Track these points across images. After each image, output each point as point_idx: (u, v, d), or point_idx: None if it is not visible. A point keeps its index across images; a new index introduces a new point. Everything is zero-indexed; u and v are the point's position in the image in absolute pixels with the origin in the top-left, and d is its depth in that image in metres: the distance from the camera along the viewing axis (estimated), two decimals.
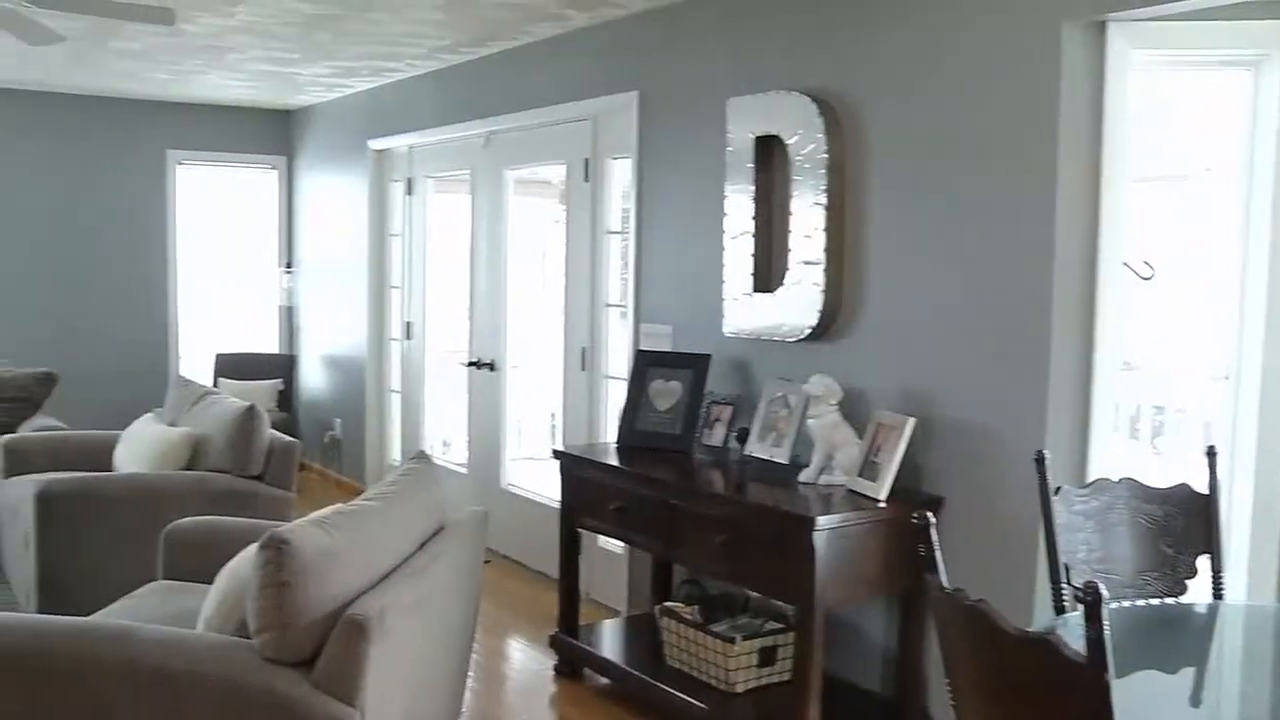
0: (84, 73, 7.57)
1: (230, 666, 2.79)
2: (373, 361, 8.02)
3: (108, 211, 8.76)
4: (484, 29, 5.87)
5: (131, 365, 8.78)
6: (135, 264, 8.87)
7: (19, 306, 8.44)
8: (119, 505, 5.02)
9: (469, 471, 6.92)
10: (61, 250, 8.61)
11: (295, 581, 2.70)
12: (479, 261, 6.79)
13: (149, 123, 8.84)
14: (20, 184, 8.46)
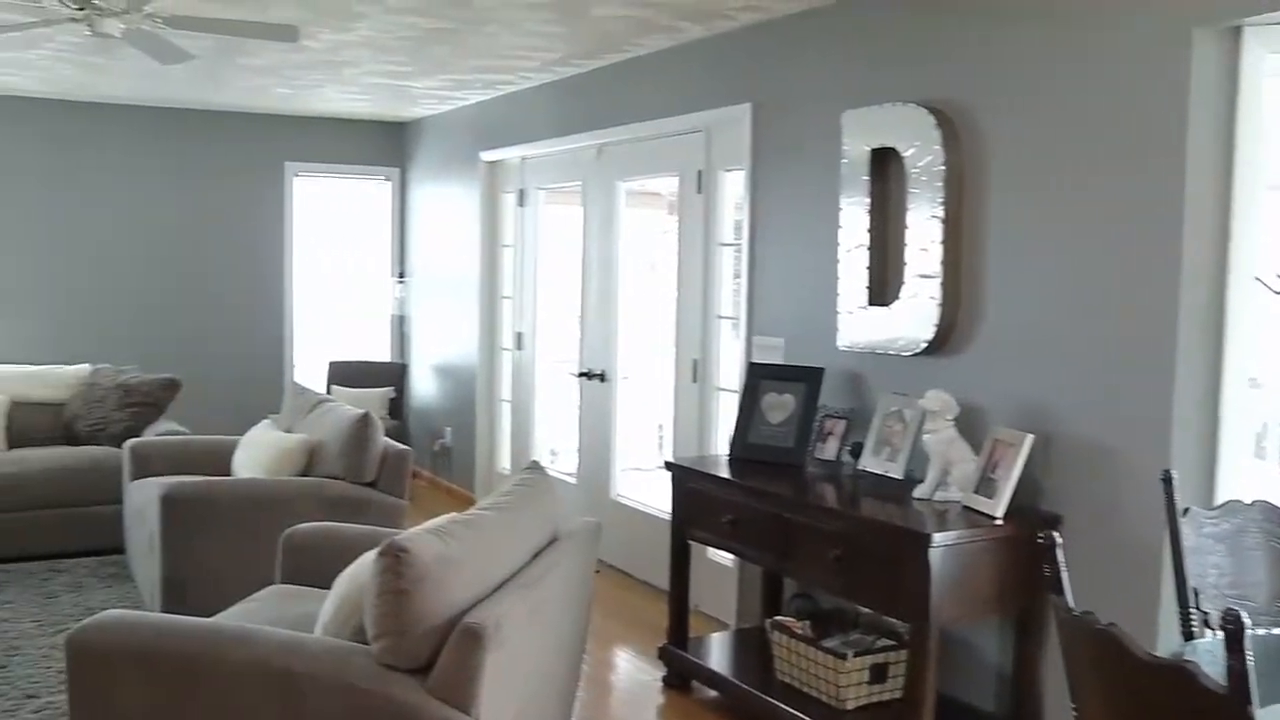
0: (209, 89, 7.77)
1: (348, 671, 2.83)
2: (483, 371, 8.10)
3: (228, 223, 8.98)
4: (597, 42, 5.90)
5: (248, 372, 8.98)
6: (253, 274, 9.08)
7: (145, 315, 8.70)
8: (238, 509, 5.13)
9: (578, 481, 6.95)
10: (184, 261, 8.85)
11: (413, 589, 2.73)
12: (590, 272, 6.82)
13: (268, 136, 9.05)
14: (146, 197, 8.71)
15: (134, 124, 8.64)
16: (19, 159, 8.36)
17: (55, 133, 8.43)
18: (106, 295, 8.62)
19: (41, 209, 8.45)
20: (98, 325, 8.56)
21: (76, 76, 7.39)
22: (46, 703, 4.42)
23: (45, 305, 8.47)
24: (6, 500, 6.39)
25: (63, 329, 8.46)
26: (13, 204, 8.37)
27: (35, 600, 5.70)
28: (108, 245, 8.63)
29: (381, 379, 8.88)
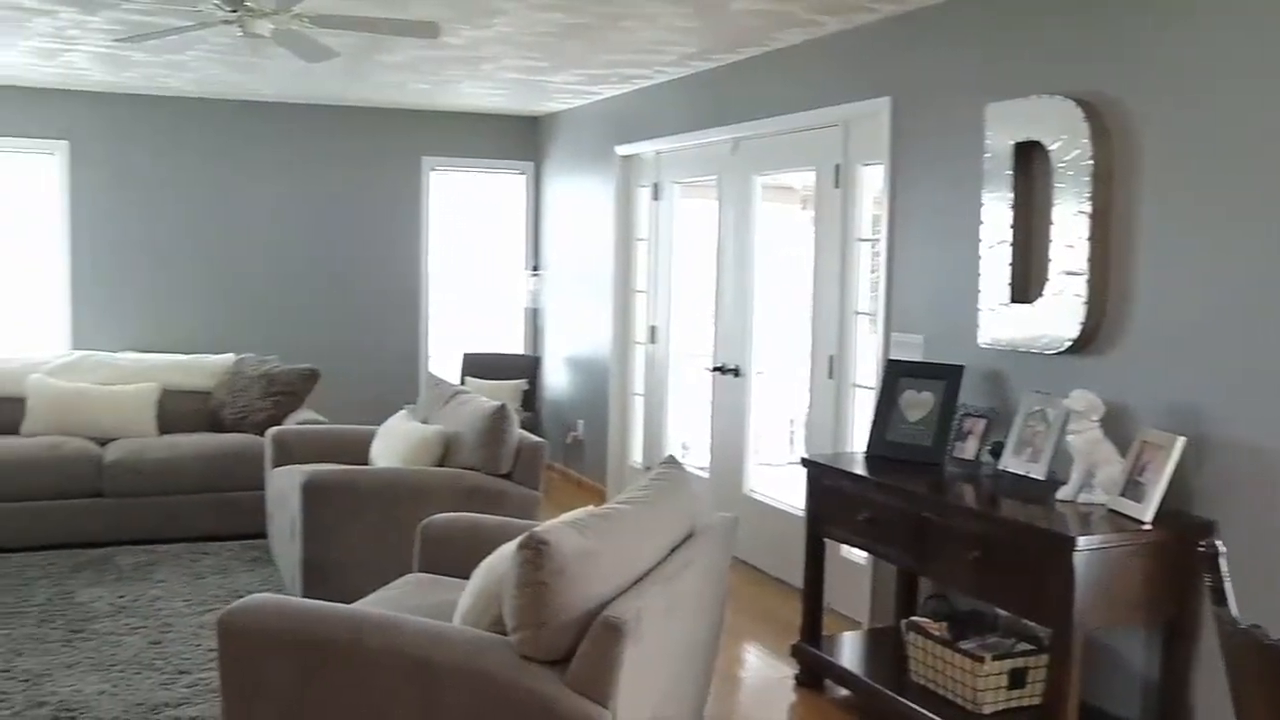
0: (351, 85, 7.94)
1: (486, 661, 2.86)
2: (617, 364, 8.14)
3: (367, 217, 9.17)
4: (733, 36, 5.88)
5: (385, 363, 9.17)
6: (390, 266, 9.26)
7: (287, 306, 8.94)
8: (376, 497, 5.23)
9: (710, 476, 6.94)
10: (324, 254, 9.06)
11: (553, 582, 2.75)
12: (725, 267, 6.81)
13: (406, 131, 9.22)
14: (288, 192, 8.95)
15: (277, 121, 8.88)
16: (170, 157, 8.66)
17: (204, 131, 8.71)
18: (251, 287, 8.88)
19: (190, 206, 8.73)
20: (242, 316, 8.82)
21: (225, 76, 7.61)
22: (198, 679, 4.57)
23: (194, 297, 8.76)
24: (158, 484, 6.63)
25: (209, 319, 8.74)
26: (164, 201, 8.67)
27: (185, 580, 5.90)
28: (252, 239, 8.89)
29: (515, 371, 8.98)
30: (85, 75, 7.67)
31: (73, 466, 6.56)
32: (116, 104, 8.49)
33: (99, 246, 8.54)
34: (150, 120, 8.59)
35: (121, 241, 8.59)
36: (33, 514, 6.45)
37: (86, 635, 5.07)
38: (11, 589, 5.72)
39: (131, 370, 7.40)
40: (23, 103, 8.28)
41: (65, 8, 5.49)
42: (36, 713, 4.23)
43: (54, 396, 7.02)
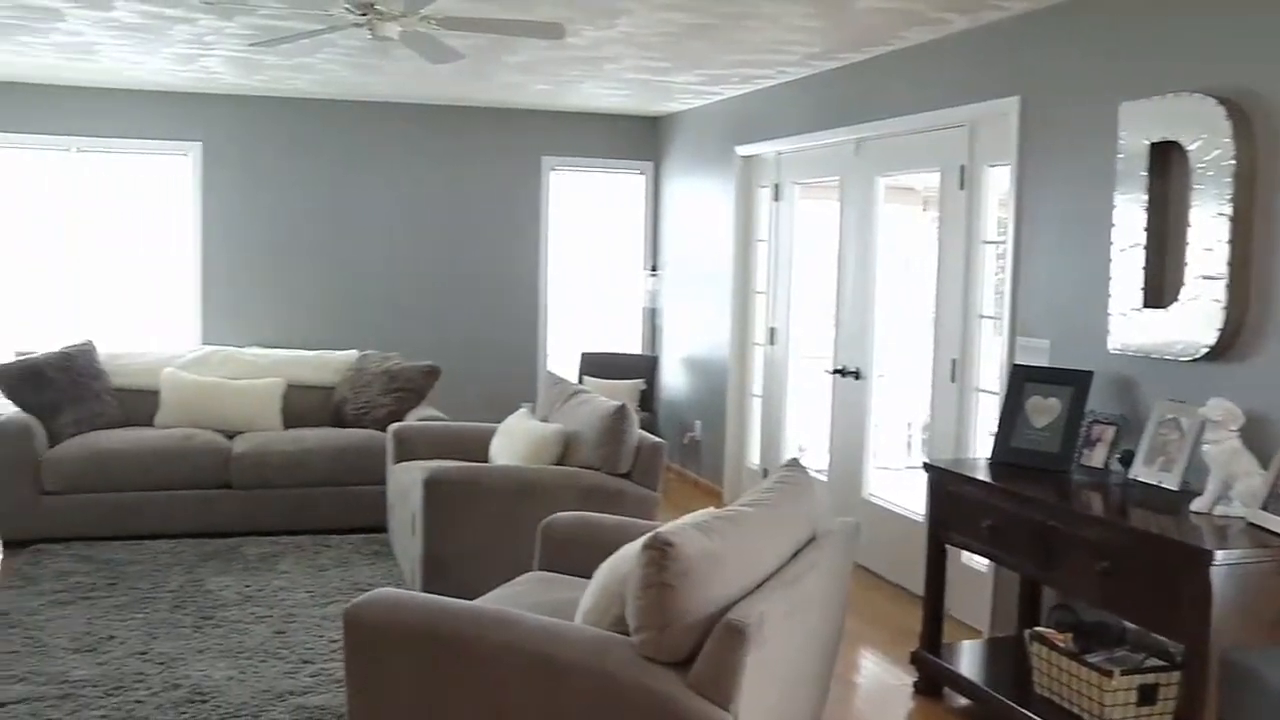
0: (472, 85, 8.04)
1: (608, 661, 2.87)
2: (735, 365, 8.11)
3: (487, 216, 9.29)
4: (858, 35, 5.82)
5: (503, 361, 9.28)
6: (510, 265, 9.36)
7: (407, 304, 9.09)
8: (496, 495, 5.28)
9: (829, 479, 6.88)
10: (445, 253, 9.20)
11: (677, 583, 2.75)
12: (846, 268, 6.74)
13: (526, 131, 9.31)
14: (410, 191, 9.10)
15: (400, 121, 9.04)
16: (296, 157, 8.87)
17: (328, 131, 8.90)
18: (373, 285, 9.05)
19: (315, 204, 8.93)
20: (365, 313, 8.99)
21: (351, 77, 7.76)
22: (320, 669, 4.66)
23: (318, 293, 8.95)
24: (283, 477, 6.78)
25: (333, 316, 8.93)
26: (289, 200, 8.88)
27: (308, 572, 6.03)
28: (374, 238, 9.06)
29: (632, 371, 9.01)
30: (219, 79, 7.89)
31: (202, 458, 6.75)
32: (246, 106, 8.72)
33: (228, 244, 8.78)
34: (277, 121, 8.80)
35: (249, 239, 8.82)
36: (165, 503, 6.65)
37: (216, 622, 5.21)
38: (146, 575, 5.91)
39: (258, 365, 7.59)
40: (161, 106, 8.55)
41: (204, 15, 5.65)
42: (172, 694, 4.36)
43: (185, 390, 7.23)
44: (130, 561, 6.14)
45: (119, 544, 6.47)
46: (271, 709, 4.26)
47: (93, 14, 5.75)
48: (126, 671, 4.59)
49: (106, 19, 5.85)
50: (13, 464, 6.46)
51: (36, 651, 4.80)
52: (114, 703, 4.29)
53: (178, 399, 7.19)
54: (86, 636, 5.00)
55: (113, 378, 7.30)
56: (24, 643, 4.91)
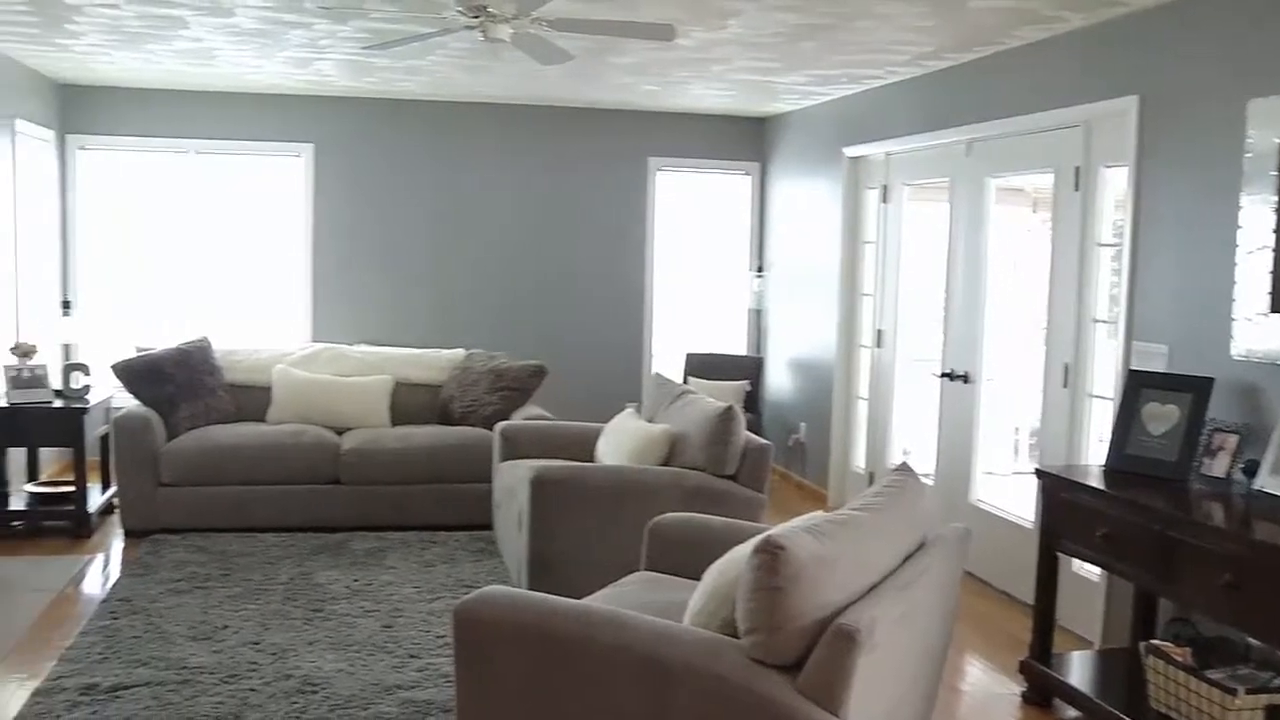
0: (579, 87, 8.08)
1: (717, 663, 2.86)
2: (841, 367, 8.05)
3: (593, 216, 9.33)
4: (970, 34, 5.74)
5: (608, 361, 9.31)
6: (616, 265, 9.39)
7: (514, 303, 9.17)
8: (602, 494, 5.29)
9: (935, 484, 6.79)
10: (551, 253, 9.26)
11: (789, 587, 2.73)
12: (955, 271, 6.65)
13: (633, 131, 9.33)
14: (517, 192, 9.18)
15: (506, 122, 9.12)
16: (404, 157, 8.99)
17: (436, 132, 9.01)
18: (480, 284, 9.14)
19: (421, 204, 9.05)
20: (471, 312, 9.09)
21: (460, 79, 7.85)
22: (427, 664, 4.72)
23: (425, 292, 9.07)
24: (391, 473, 6.89)
25: (440, 315, 9.04)
26: (397, 200, 9.01)
27: (414, 568, 6.11)
28: (480, 237, 9.15)
29: (738, 372, 8.99)
30: (331, 82, 8.03)
31: (313, 454, 6.88)
32: (357, 108, 8.87)
33: (338, 243, 8.94)
34: (387, 122, 8.94)
35: (358, 239, 8.97)
36: (276, 497, 6.79)
37: (325, 615, 5.30)
38: (259, 567, 6.04)
39: (367, 363, 7.71)
40: (275, 109, 8.73)
41: (320, 19, 5.76)
42: (284, 684, 4.45)
43: (296, 386, 7.37)
44: (243, 553, 6.28)
45: (232, 535, 6.62)
46: (380, 702, 4.32)
47: (215, 20, 5.89)
48: (240, 660, 4.70)
49: (227, 25, 6.00)
50: (133, 456, 6.65)
51: (157, 637, 4.94)
52: (229, 690, 4.39)
53: (289, 395, 7.34)
54: (203, 625, 5.12)
55: (227, 374, 7.48)
56: (145, 628, 5.05)
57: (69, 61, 7.45)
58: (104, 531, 6.88)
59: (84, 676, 4.50)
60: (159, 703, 4.26)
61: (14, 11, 5.87)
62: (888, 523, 3.23)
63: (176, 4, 5.53)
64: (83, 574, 6.01)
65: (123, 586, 5.67)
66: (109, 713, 4.17)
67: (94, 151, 8.70)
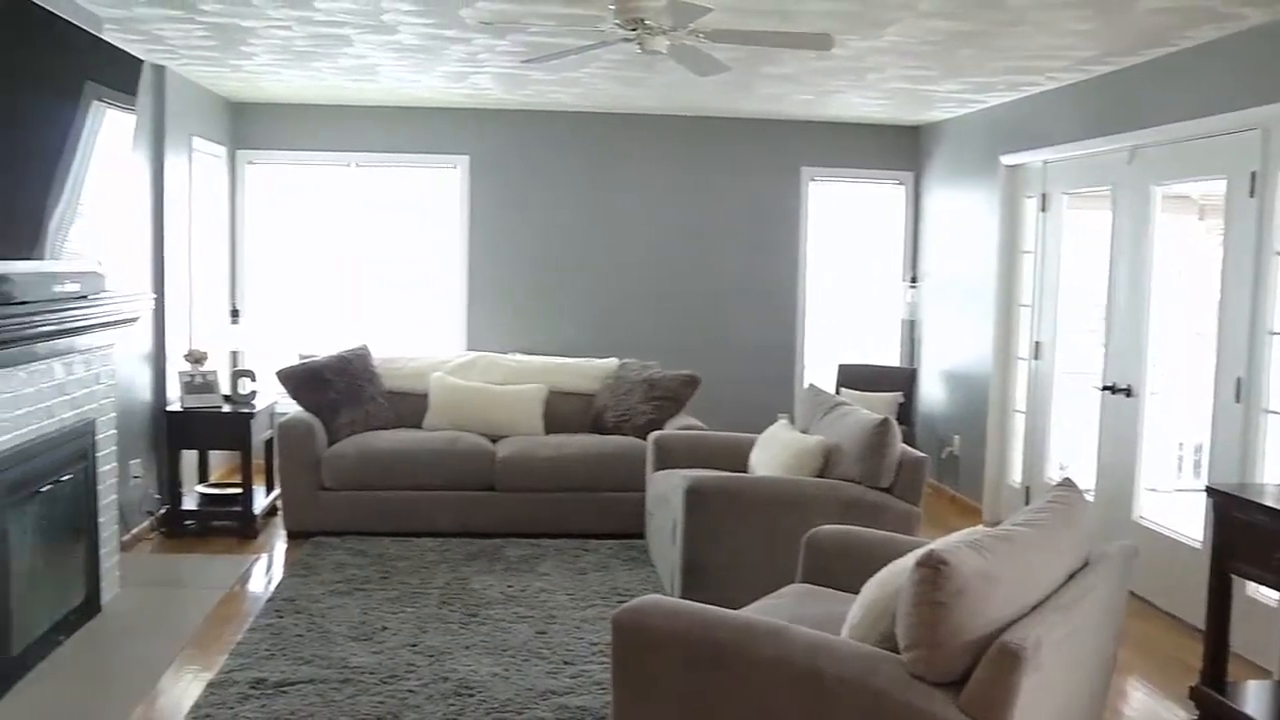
0: (732, 97, 8.08)
1: (877, 678, 2.83)
2: (997, 380, 7.88)
3: (745, 226, 9.32)
4: (1137, 37, 5.58)
5: (760, 371, 9.28)
6: (768, 276, 9.36)
7: (666, 312, 9.21)
8: (756, 505, 5.28)
9: (1096, 500, 6.60)
10: (701, 262, 9.27)
11: (951, 602, 2.69)
12: (1117, 281, 6.46)
13: (785, 141, 9.30)
14: (669, 202, 9.22)
15: (658, 132, 9.16)
16: (557, 168, 9.11)
17: (588, 143, 9.11)
18: (633, 294, 9.20)
19: (574, 214, 9.16)
20: (624, 322, 9.15)
21: (614, 90, 7.92)
22: (581, 670, 4.76)
23: (579, 301, 9.16)
24: (545, 481, 6.98)
25: (593, 324, 9.12)
26: (550, 210, 9.12)
27: (568, 575, 6.17)
28: (632, 247, 9.21)
29: (890, 384, 8.88)
30: (487, 94, 8.18)
31: (468, 461, 7.00)
32: (511, 120, 9.01)
33: (493, 253, 9.09)
34: (540, 134, 9.06)
35: (512, 248, 9.11)
36: (432, 503, 6.94)
37: (480, 620, 5.39)
38: (415, 571, 6.17)
39: (521, 371, 7.83)
40: (433, 122, 8.93)
41: (479, 34, 5.88)
42: (441, 686, 4.54)
43: (453, 394, 7.52)
44: (400, 557, 6.43)
45: (389, 540, 6.78)
46: (534, 707, 4.38)
47: (378, 38, 6.06)
48: (399, 661, 4.81)
49: (389, 42, 6.16)
50: (296, 460, 6.86)
51: (320, 637, 5.09)
52: (388, 690, 4.49)
53: (445, 403, 7.49)
54: (362, 626, 5.26)
55: (385, 381, 7.67)
56: (308, 628, 5.21)
57: (241, 80, 7.74)
58: (268, 533, 7.12)
59: (253, 671, 4.66)
60: (322, 700, 4.39)
61: (197, 37, 6.14)
62: (1052, 540, 3.16)
63: (343, 23, 5.70)
64: (249, 573, 6.23)
65: (286, 586, 5.85)
66: (276, 707, 4.31)
67: (261, 166, 9.01)
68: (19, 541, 4.61)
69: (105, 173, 5.20)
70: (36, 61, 4.34)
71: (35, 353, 4.62)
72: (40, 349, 4.66)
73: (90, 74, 4.84)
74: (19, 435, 4.57)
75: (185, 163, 7.65)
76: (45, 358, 4.76)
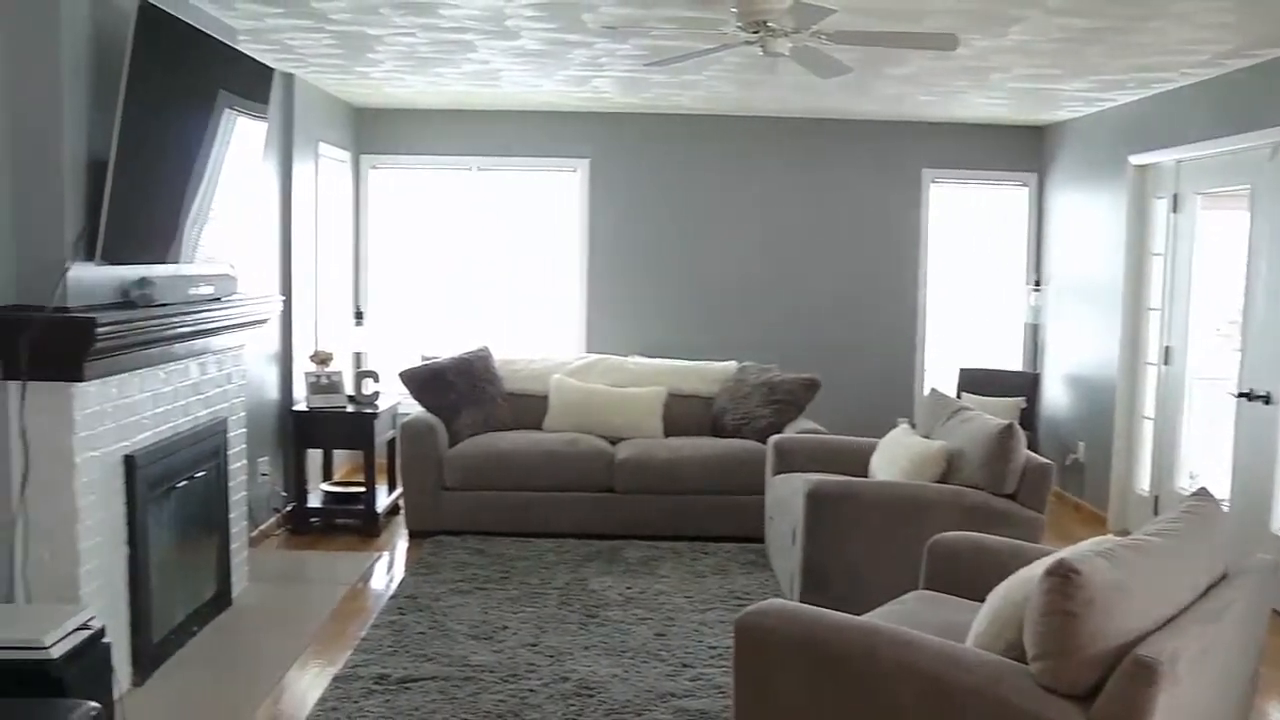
0: (851, 98, 8.01)
1: (1004, 688, 2.78)
2: (1124, 385, 7.69)
3: (865, 229, 9.24)
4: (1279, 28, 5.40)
5: (879, 375, 9.19)
6: (888, 279, 9.27)
7: (784, 315, 9.16)
8: (878, 509, 5.22)
9: (1231, 511, 6.39)
10: (822, 265, 9.21)
11: (1082, 612, 2.63)
12: (1255, 284, 6.25)
13: (906, 143, 9.19)
14: (787, 204, 9.17)
15: (775, 134, 9.12)
16: (675, 171, 9.12)
17: (706, 146, 9.10)
18: (751, 296, 9.18)
19: (691, 216, 9.16)
20: (743, 324, 9.13)
21: (733, 93, 7.91)
22: (700, 673, 4.76)
23: (699, 304, 9.17)
24: (663, 483, 6.99)
25: (711, 326, 9.12)
26: (668, 212, 9.14)
27: (686, 578, 6.18)
28: (750, 250, 9.18)
29: (1012, 388, 8.72)
30: (607, 98, 8.23)
31: (587, 462, 7.05)
32: (630, 123, 9.05)
33: (612, 255, 9.14)
34: (659, 136, 9.09)
35: (632, 250, 9.14)
36: (552, 504, 6.99)
37: (600, 621, 5.42)
38: (535, 570, 6.23)
39: (640, 374, 7.85)
40: (552, 126, 9.01)
41: (602, 38, 5.92)
42: (561, 686, 4.58)
43: (572, 396, 7.58)
44: (519, 557, 6.49)
45: (509, 540, 6.85)
46: (654, 709, 4.39)
47: (501, 44, 6.13)
48: (519, 661, 4.86)
49: (513, 47, 6.23)
50: (419, 461, 6.97)
51: (441, 635, 5.16)
52: (509, 689, 4.54)
53: (565, 404, 7.55)
54: (483, 625, 5.32)
55: (506, 383, 7.75)
56: (430, 626, 5.29)
57: (366, 87, 7.89)
58: (390, 531, 7.25)
59: (376, 667, 4.75)
60: (445, 697, 4.45)
61: (325, 46, 6.29)
62: (1187, 551, 3.07)
63: (467, 29, 5.79)
64: (371, 570, 6.34)
65: (408, 584, 5.95)
66: (400, 703, 4.39)
67: (384, 170, 9.18)
68: (158, 534, 4.77)
69: (237, 178, 5.35)
70: (175, 72, 4.47)
71: (173, 353, 4.77)
72: (178, 349, 4.81)
73: (225, 83, 4.98)
74: (158, 433, 4.73)
75: (312, 168, 7.83)
76: (182, 358, 4.91)
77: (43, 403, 3.98)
